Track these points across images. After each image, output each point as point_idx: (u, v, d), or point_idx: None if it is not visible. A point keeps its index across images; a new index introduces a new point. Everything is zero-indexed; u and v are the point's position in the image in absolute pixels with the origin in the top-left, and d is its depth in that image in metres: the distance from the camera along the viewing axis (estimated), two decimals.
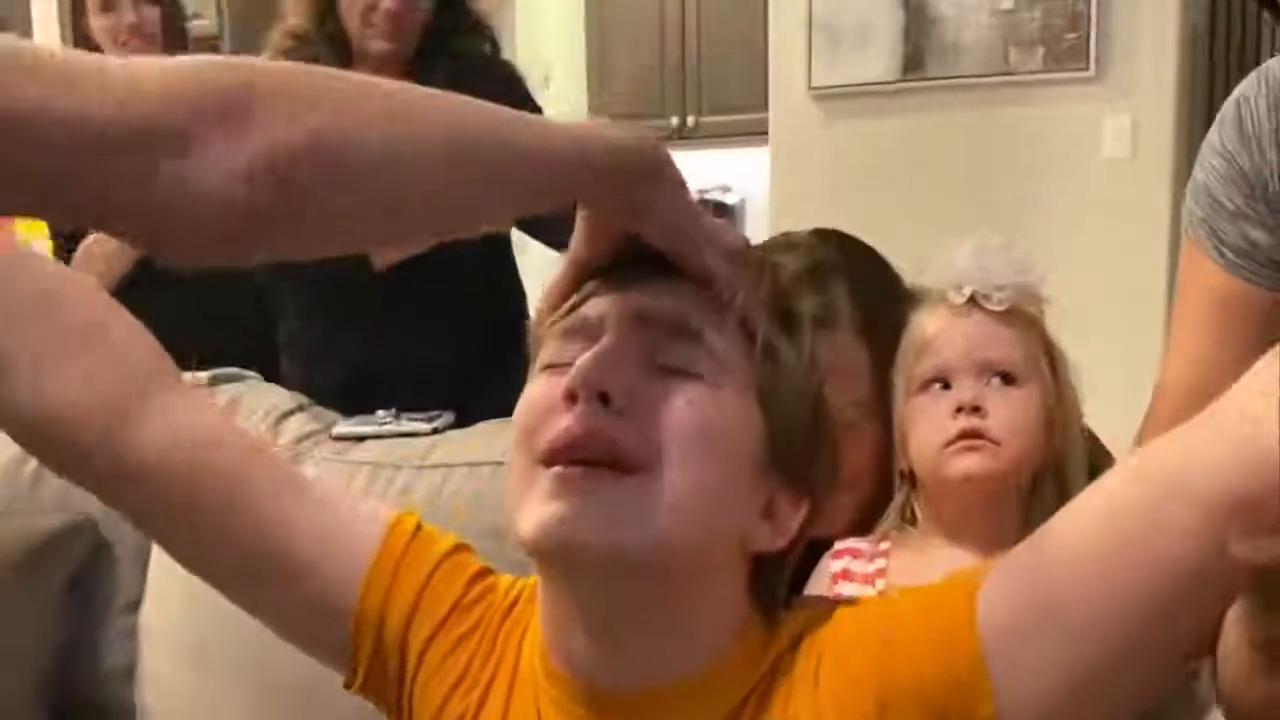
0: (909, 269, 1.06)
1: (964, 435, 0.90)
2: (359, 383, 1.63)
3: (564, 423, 0.58)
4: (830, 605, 0.65)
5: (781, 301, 0.66)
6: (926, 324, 0.97)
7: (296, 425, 1.48)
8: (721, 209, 4.46)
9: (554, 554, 0.59)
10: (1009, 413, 0.91)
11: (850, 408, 0.97)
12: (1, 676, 1.37)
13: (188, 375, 1.55)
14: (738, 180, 4.52)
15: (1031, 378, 0.93)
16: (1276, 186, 0.84)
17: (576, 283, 0.65)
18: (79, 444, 0.68)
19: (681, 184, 0.61)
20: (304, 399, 1.55)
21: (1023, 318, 0.95)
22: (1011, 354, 0.93)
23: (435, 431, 1.41)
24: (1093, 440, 1.11)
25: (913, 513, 0.98)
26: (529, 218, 0.95)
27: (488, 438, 1.37)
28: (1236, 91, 0.87)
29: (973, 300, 0.95)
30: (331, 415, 1.52)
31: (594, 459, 0.58)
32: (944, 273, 0.98)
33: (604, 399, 0.58)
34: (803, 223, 1.10)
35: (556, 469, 0.58)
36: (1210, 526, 0.47)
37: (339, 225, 0.49)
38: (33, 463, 1.54)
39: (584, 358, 0.59)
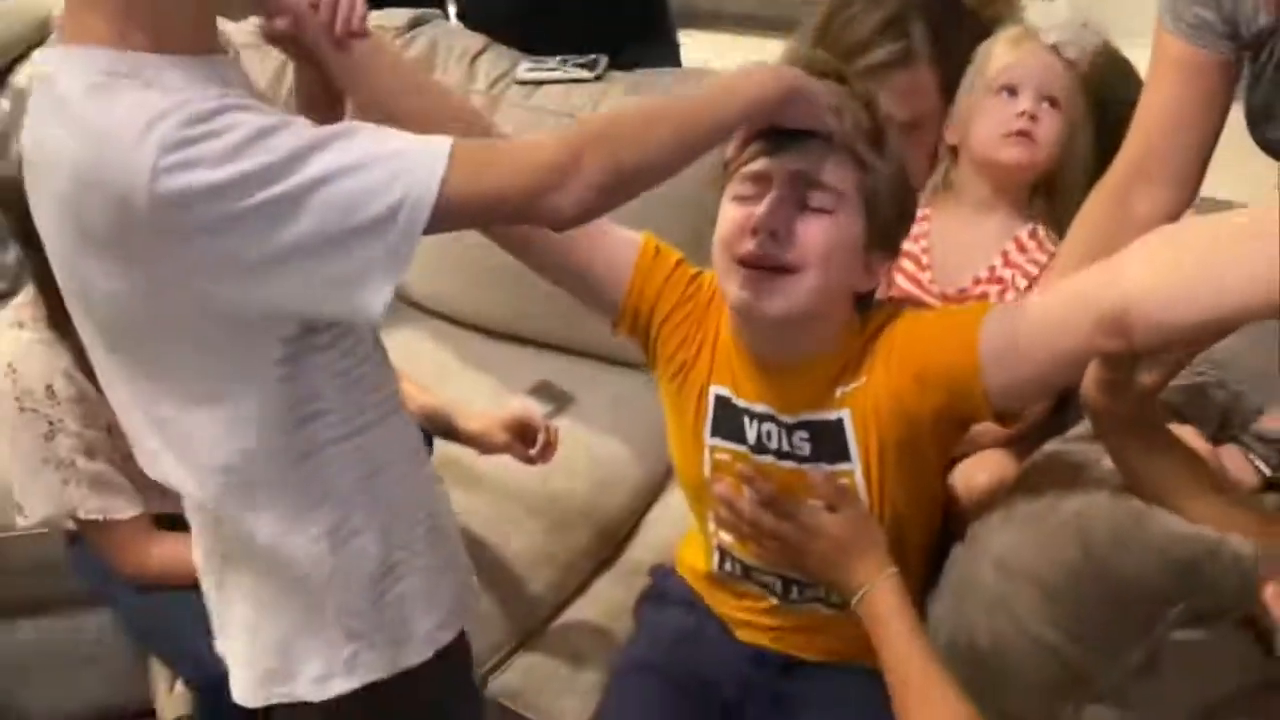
0: None
1: (1021, 132, 1.30)
2: (527, 9, 1.95)
3: (750, 245, 1.01)
4: (899, 308, 1.12)
5: (875, 126, 1.04)
6: (1014, 48, 1.33)
7: (487, 66, 1.87)
8: None
9: (745, 317, 1.07)
10: (1052, 126, 1.31)
11: (919, 116, 1.36)
12: None
13: (391, 14, 1.90)
14: None
15: (1070, 110, 1.31)
16: None
17: (748, 142, 1.05)
18: None
19: (803, 92, 0.98)
20: (485, 39, 1.92)
21: (1081, 67, 1.32)
22: (1065, 89, 1.31)
23: (598, 78, 1.80)
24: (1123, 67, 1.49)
25: (946, 182, 1.40)
26: None
27: (649, 89, 1.75)
28: None
29: (1053, 46, 1.30)
30: (510, 54, 1.90)
31: (766, 266, 1.01)
32: (1042, 18, 1.34)
33: (773, 234, 1.01)
34: None
35: (745, 270, 1.02)
36: (1100, 326, 0.90)
37: (631, 196, 0.93)
38: None
39: (763, 208, 1.01)
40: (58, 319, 1.34)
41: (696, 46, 3.81)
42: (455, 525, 1.12)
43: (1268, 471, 1.03)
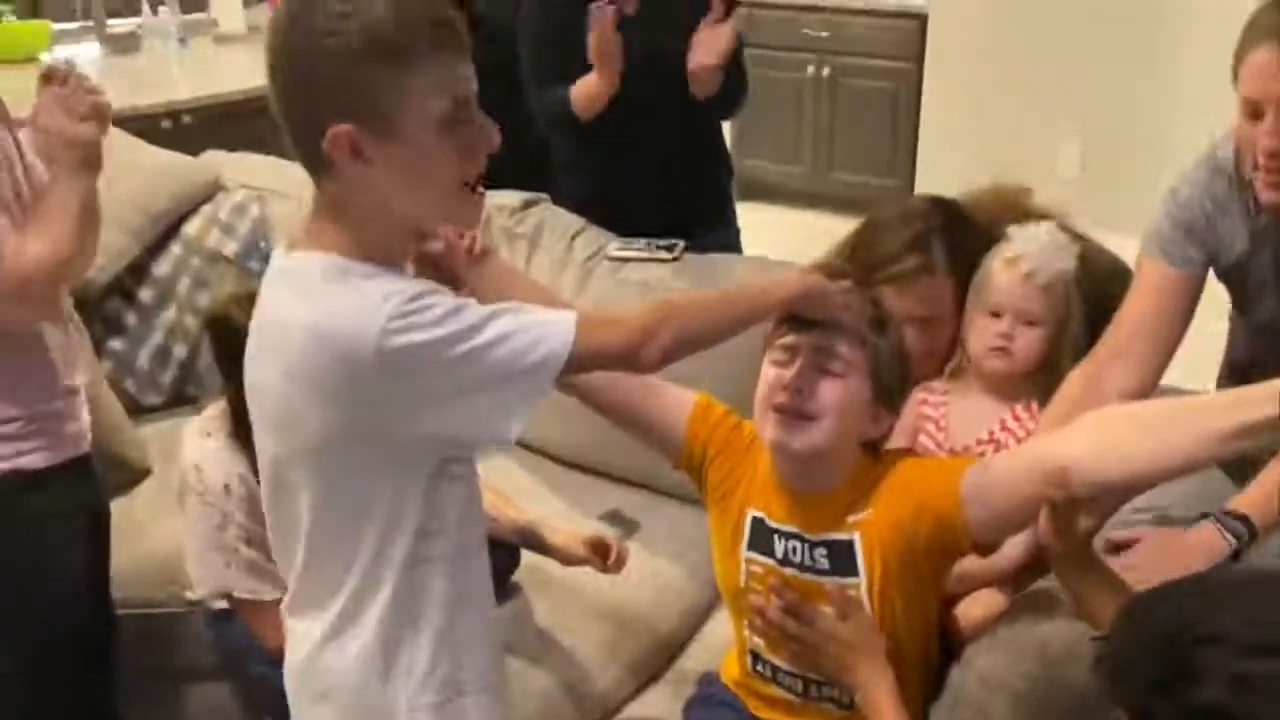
0: None
1: (999, 349, 1.62)
2: (619, 200, 2.35)
3: (783, 397, 1.33)
4: (905, 453, 1.42)
5: (878, 316, 1.37)
6: (999, 275, 1.64)
7: (583, 244, 2.24)
8: None
9: (779, 452, 1.38)
10: (1027, 343, 1.63)
11: (937, 314, 1.68)
12: None
13: (507, 195, 2.29)
14: None
15: (1049, 322, 1.62)
16: (1199, 231, 1.51)
17: (782, 324, 1.37)
18: None
19: (815, 294, 1.31)
20: (583, 221, 2.30)
21: (1055, 288, 1.62)
22: (1041, 310, 1.62)
23: (676, 259, 2.15)
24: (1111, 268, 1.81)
25: (960, 367, 1.71)
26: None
27: (713, 270, 2.11)
28: (1183, 173, 1.52)
29: (1028, 274, 1.62)
30: (603, 234, 2.27)
31: (794, 414, 1.33)
32: (1023, 243, 1.63)
33: (800, 390, 1.34)
34: None
35: (778, 416, 1.34)
36: (1048, 479, 1.19)
37: (690, 354, 1.23)
38: None
39: (792, 373, 1.32)
40: (240, 433, 1.68)
41: (758, 216, 4.23)
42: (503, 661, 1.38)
43: (1234, 544, 1.31)
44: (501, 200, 2.30)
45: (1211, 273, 1.59)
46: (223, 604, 1.80)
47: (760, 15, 4.38)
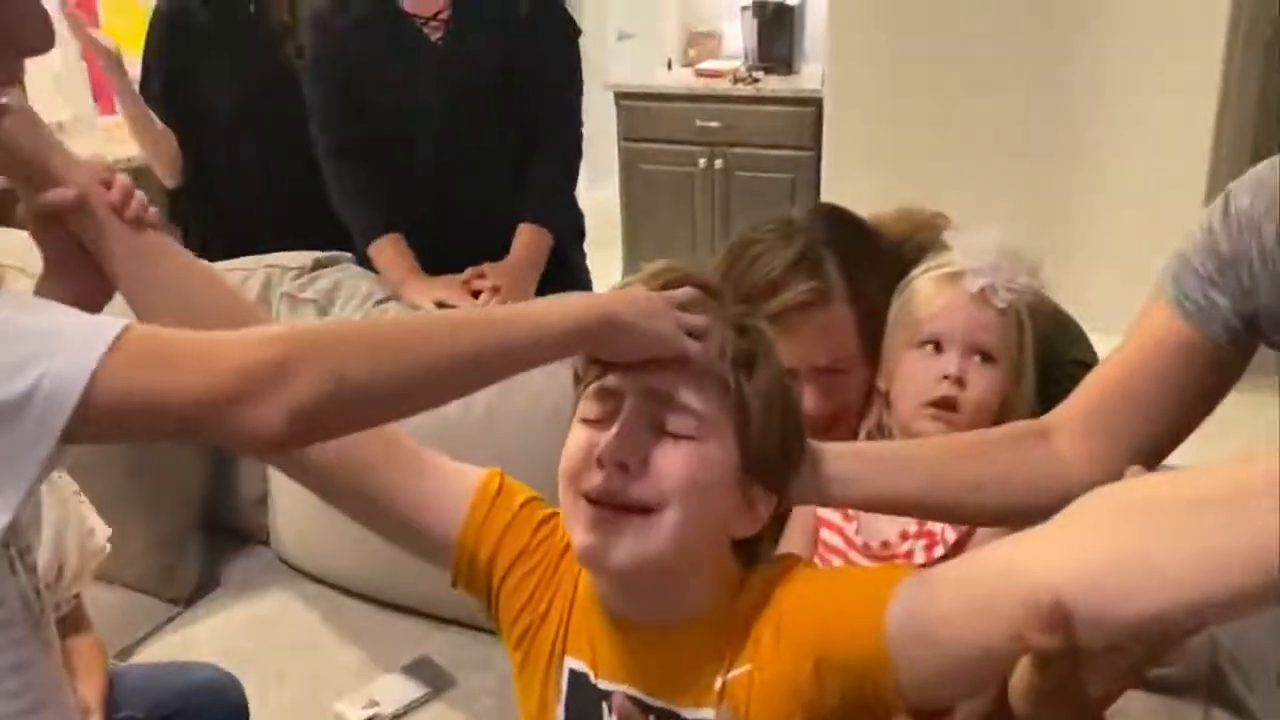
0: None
1: (943, 402, 1.12)
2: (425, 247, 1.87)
3: (596, 479, 0.80)
4: (792, 565, 0.89)
5: (746, 345, 0.87)
6: (938, 294, 1.15)
7: (394, 310, 1.74)
8: (782, 10, 4.43)
9: (591, 567, 0.85)
10: (983, 389, 1.12)
11: (840, 359, 1.21)
12: (169, 512, 1.72)
13: (296, 256, 1.82)
14: None
15: (1005, 359, 1.14)
16: (1242, 261, 0.91)
17: (592, 359, 0.85)
18: None
19: (621, 323, 0.80)
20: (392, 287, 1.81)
21: (1012, 314, 1.14)
22: (999, 340, 1.13)
23: None
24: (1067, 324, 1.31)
25: (879, 428, 1.22)
26: None
27: None
28: (1231, 185, 0.94)
29: (982, 292, 1.13)
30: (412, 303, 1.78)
31: (616, 504, 0.80)
32: (969, 255, 1.15)
33: (623, 466, 0.80)
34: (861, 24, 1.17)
35: (593, 509, 0.81)
36: (1029, 613, 0.66)
37: (361, 427, 0.78)
38: None
39: (609, 437, 0.80)
40: None
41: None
42: None
43: None
44: (287, 261, 1.82)
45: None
46: None
47: (652, 108, 4.15)
